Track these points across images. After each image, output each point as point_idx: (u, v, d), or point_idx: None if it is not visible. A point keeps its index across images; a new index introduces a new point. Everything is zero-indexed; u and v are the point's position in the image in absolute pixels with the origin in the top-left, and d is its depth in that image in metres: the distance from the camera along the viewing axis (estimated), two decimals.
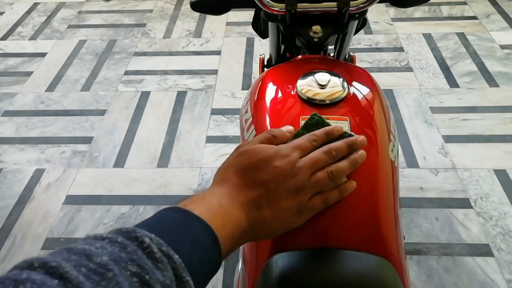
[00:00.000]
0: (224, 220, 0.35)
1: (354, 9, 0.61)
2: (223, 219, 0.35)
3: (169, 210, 0.33)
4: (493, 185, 1.26)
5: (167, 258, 0.27)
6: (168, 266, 0.26)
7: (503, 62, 1.73)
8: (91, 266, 0.23)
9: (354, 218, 0.45)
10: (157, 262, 0.26)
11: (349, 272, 0.42)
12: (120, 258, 0.24)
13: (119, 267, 0.24)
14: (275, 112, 0.54)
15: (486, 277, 1.05)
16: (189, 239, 0.30)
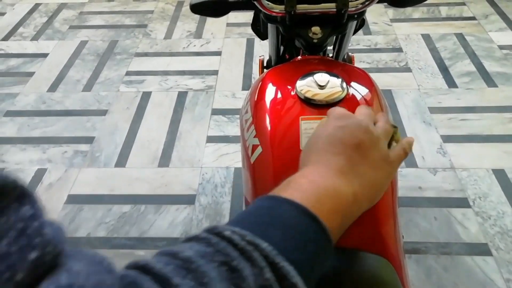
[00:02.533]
0: (319, 196, 0.32)
1: (353, 10, 0.62)
2: (317, 195, 0.32)
3: (257, 200, 0.31)
4: (491, 184, 1.27)
5: (253, 246, 0.25)
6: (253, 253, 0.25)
7: (501, 62, 1.73)
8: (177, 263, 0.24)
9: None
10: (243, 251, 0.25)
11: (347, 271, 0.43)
12: (205, 253, 0.25)
13: (205, 260, 0.24)
14: (275, 112, 0.55)
15: (484, 276, 1.06)
16: (279, 225, 0.28)
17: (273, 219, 0.29)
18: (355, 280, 0.42)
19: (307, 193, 0.31)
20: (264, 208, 0.30)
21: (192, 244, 0.26)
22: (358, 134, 0.38)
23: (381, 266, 0.44)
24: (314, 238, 0.29)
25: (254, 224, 0.28)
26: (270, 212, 0.29)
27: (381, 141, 0.40)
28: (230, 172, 1.35)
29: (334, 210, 0.32)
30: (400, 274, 0.46)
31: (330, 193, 0.32)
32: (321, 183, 0.33)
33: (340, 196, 0.33)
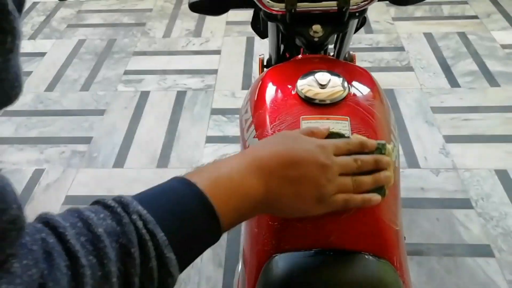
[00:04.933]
0: (230, 193, 0.35)
1: (354, 8, 0.61)
2: (230, 192, 0.35)
3: (175, 181, 0.35)
4: (494, 185, 1.26)
5: (151, 235, 0.29)
6: (148, 243, 0.29)
7: (504, 61, 1.72)
8: (89, 236, 0.28)
9: (355, 219, 0.44)
10: (141, 239, 0.29)
11: (349, 273, 0.42)
12: (113, 231, 0.29)
13: (110, 239, 0.28)
14: (275, 112, 0.54)
15: (487, 278, 1.05)
16: (181, 215, 0.32)
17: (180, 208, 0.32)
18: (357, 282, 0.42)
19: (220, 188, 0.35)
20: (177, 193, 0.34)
21: (105, 215, 0.29)
22: (306, 154, 0.39)
23: (383, 268, 0.43)
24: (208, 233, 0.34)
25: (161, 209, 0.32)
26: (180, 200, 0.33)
27: (328, 172, 0.39)
28: None
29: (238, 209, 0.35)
30: (402, 276, 0.46)
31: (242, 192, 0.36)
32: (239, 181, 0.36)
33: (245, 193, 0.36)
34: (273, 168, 0.38)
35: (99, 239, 0.27)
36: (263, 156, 0.38)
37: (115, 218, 0.29)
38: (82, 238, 0.27)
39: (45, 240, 0.26)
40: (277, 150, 0.39)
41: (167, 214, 0.32)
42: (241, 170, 0.37)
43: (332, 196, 0.40)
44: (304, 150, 0.39)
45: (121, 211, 0.30)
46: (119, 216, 0.29)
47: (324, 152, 0.40)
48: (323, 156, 0.39)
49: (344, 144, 0.42)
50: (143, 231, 0.29)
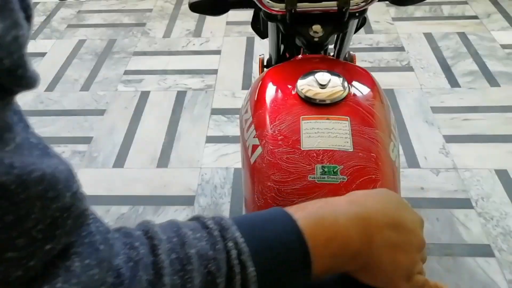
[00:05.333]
0: (331, 238, 0.32)
1: (355, 8, 0.61)
2: (332, 236, 0.32)
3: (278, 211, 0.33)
4: (494, 185, 1.26)
5: (242, 267, 0.28)
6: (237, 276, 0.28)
7: (504, 61, 1.72)
8: (180, 255, 0.27)
9: None
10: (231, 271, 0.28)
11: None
12: (205, 255, 0.28)
13: (200, 263, 0.27)
14: (275, 112, 0.54)
15: (487, 278, 1.05)
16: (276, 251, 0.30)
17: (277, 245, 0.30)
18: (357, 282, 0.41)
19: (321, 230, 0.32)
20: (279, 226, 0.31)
21: (201, 236, 0.28)
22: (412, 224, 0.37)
23: None
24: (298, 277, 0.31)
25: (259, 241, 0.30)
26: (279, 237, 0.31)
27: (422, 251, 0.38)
28: (230, 172, 1.34)
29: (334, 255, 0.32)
30: None
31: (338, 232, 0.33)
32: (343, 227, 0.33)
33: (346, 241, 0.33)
34: (380, 226, 0.34)
35: (189, 261, 0.27)
36: (373, 209, 0.35)
37: (210, 241, 0.28)
38: (173, 255, 0.27)
39: (136, 249, 0.26)
40: (387, 208, 0.36)
41: (263, 247, 0.30)
42: (349, 217, 0.34)
43: (415, 275, 0.37)
44: (411, 219, 0.37)
45: (218, 234, 0.29)
46: (215, 240, 0.28)
47: (422, 228, 0.38)
48: (421, 232, 0.37)
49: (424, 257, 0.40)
50: (235, 262, 0.28)
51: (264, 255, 0.30)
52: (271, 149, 0.50)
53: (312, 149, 0.48)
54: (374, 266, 0.34)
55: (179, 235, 0.28)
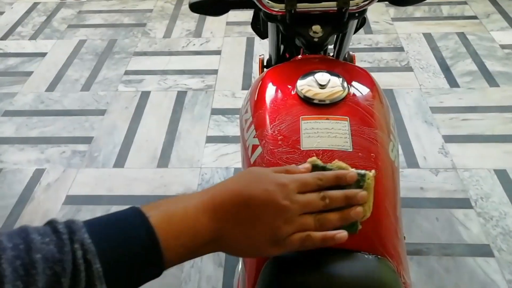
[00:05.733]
0: (182, 230, 0.36)
1: (354, 9, 0.61)
2: (182, 229, 0.36)
3: (131, 210, 0.36)
4: (493, 185, 1.26)
5: (87, 265, 0.31)
6: (81, 274, 0.31)
7: (503, 62, 1.72)
8: (25, 260, 0.29)
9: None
10: (76, 269, 0.31)
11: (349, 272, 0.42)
12: (52, 257, 0.30)
13: (45, 266, 0.29)
14: (275, 112, 0.54)
15: (486, 278, 1.05)
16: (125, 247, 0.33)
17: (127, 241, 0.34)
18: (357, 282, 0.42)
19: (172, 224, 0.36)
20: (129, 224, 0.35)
21: (50, 240, 0.31)
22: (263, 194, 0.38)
23: (383, 268, 0.43)
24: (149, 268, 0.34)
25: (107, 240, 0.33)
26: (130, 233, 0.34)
27: (286, 213, 0.38)
28: (230, 172, 1.34)
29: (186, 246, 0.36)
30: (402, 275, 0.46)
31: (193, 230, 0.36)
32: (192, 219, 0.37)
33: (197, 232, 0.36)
34: (227, 208, 0.37)
35: (34, 265, 0.29)
36: (219, 196, 0.38)
37: (58, 244, 0.31)
38: (17, 262, 0.29)
39: None
40: (234, 189, 0.38)
41: (111, 245, 0.33)
42: (197, 207, 0.37)
43: (288, 237, 0.38)
44: (262, 190, 0.38)
45: (66, 238, 0.31)
46: (62, 243, 0.31)
47: (283, 191, 0.38)
48: (281, 196, 0.38)
49: (313, 179, 0.40)
50: (80, 261, 0.31)
51: (112, 252, 0.32)
52: (271, 149, 0.51)
53: (312, 149, 0.49)
54: (231, 244, 0.38)
55: (26, 241, 0.30)
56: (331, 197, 0.40)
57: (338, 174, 0.41)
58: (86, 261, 0.31)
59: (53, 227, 0.32)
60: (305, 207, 0.39)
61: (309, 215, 0.39)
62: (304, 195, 0.39)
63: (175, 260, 0.36)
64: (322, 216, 0.39)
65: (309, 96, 0.53)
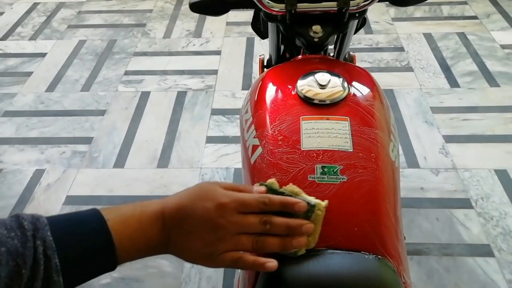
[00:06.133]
0: (133, 234, 0.40)
1: (354, 9, 0.61)
2: (136, 233, 0.40)
3: (92, 212, 0.39)
4: (493, 185, 1.26)
5: (46, 259, 0.34)
6: (40, 267, 0.34)
7: (503, 62, 1.72)
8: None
9: (355, 219, 0.44)
10: (35, 261, 0.34)
11: (349, 272, 0.42)
12: (15, 251, 0.33)
13: (8, 257, 0.33)
14: (275, 112, 0.54)
15: (486, 277, 1.05)
16: (83, 246, 0.37)
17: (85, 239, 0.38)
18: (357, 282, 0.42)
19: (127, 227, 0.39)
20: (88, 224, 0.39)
21: (15, 235, 0.34)
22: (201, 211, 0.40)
23: (383, 268, 0.43)
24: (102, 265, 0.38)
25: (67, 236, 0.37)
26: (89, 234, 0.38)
27: (220, 231, 0.40)
28: (230, 172, 1.34)
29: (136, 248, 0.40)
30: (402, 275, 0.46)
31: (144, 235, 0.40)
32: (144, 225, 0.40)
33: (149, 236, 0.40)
34: (172, 220, 0.41)
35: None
36: (169, 207, 0.42)
37: (22, 239, 0.34)
38: None
39: None
40: (181, 203, 0.42)
41: (71, 242, 0.37)
42: (150, 216, 0.41)
43: (220, 254, 0.40)
44: (201, 207, 0.40)
45: (30, 235, 0.35)
46: (26, 239, 0.34)
47: (221, 210, 0.40)
48: (217, 215, 0.40)
49: (257, 202, 0.41)
50: (40, 256, 0.34)
51: (71, 249, 0.36)
52: (271, 149, 0.51)
53: (312, 149, 0.49)
54: (176, 251, 0.42)
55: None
56: (272, 223, 0.41)
57: (284, 201, 0.41)
58: (45, 256, 0.34)
59: (19, 222, 0.35)
60: (242, 228, 0.40)
61: (248, 235, 0.41)
62: (244, 216, 0.41)
63: (127, 258, 0.40)
64: (262, 238, 0.41)
65: (309, 96, 0.53)
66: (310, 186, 0.46)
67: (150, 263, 1.12)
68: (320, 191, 0.46)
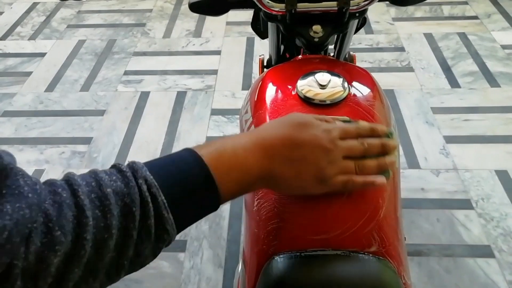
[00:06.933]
0: (233, 167, 0.39)
1: (355, 8, 0.61)
2: (233, 165, 0.39)
3: (184, 151, 0.39)
4: (494, 186, 1.26)
5: (152, 198, 0.34)
6: (148, 205, 0.33)
7: (504, 62, 1.72)
8: (98, 194, 0.32)
9: (355, 219, 0.44)
10: (143, 201, 0.34)
11: (349, 273, 0.42)
12: (121, 191, 0.33)
13: (117, 198, 0.33)
14: (275, 112, 0.54)
15: (487, 278, 1.05)
16: (184, 183, 0.37)
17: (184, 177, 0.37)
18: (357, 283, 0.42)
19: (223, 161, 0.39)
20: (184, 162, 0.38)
21: (116, 178, 0.34)
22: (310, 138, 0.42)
23: (383, 269, 0.43)
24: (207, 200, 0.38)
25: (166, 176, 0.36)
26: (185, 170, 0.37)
27: (330, 155, 0.42)
28: None
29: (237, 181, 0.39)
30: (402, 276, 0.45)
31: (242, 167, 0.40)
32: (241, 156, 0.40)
33: (247, 169, 0.40)
34: (276, 149, 0.41)
35: (107, 197, 0.32)
36: (268, 137, 0.41)
37: (124, 181, 0.34)
38: (92, 195, 0.32)
39: (59, 194, 0.31)
40: (283, 133, 0.42)
41: (171, 180, 0.36)
42: (246, 147, 0.40)
43: (332, 177, 0.42)
44: (309, 134, 0.42)
45: (131, 175, 0.35)
46: (128, 180, 0.34)
47: (328, 136, 0.42)
48: (326, 140, 0.42)
49: (353, 128, 0.44)
50: (146, 194, 0.34)
51: (173, 187, 0.36)
52: None
53: None
54: (281, 182, 0.41)
55: (96, 179, 0.34)
56: (369, 143, 0.44)
57: (372, 126, 0.46)
58: (151, 194, 0.34)
59: (117, 168, 0.35)
60: (347, 151, 0.43)
61: (351, 160, 0.43)
62: (346, 141, 0.43)
63: (228, 195, 0.39)
64: (362, 162, 0.44)
65: (309, 96, 0.52)
66: None
67: (150, 264, 1.11)
68: None
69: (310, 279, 0.41)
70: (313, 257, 0.42)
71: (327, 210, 0.43)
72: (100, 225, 0.31)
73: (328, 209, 0.43)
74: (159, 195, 0.34)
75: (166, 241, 0.35)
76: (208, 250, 1.13)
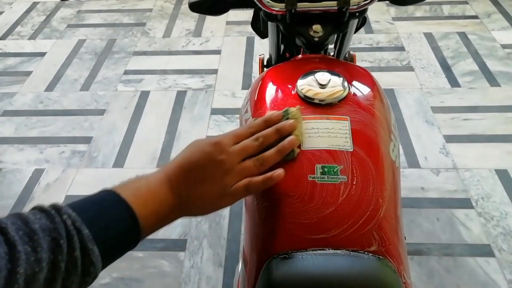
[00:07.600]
0: (148, 200, 0.41)
1: (355, 8, 0.61)
2: (147, 199, 0.41)
3: (103, 191, 0.41)
4: (494, 185, 1.26)
5: (77, 231, 0.35)
6: (74, 238, 0.35)
7: (504, 61, 1.72)
8: (26, 230, 0.33)
9: (355, 219, 0.44)
10: (69, 234, 0.35)
11: (350, 273, 0.42)
12: (47, 227, 0.34)
13: (44, 233, 0.34)
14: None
15: (487, 278, 1.05)
16: (107, 218, 0.38)
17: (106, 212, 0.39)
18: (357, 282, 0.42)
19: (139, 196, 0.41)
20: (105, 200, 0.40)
21: (41, 216, 0.35)
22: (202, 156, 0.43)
23: (383, 268, 0.43)
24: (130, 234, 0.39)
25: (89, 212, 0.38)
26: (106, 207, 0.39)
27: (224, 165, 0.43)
28: None
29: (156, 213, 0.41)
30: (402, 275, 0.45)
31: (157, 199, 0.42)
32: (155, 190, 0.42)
33: (161, 199, 0.42)
34: (179, 176, 0.43)
35: (35, 233, 0.33)
36: (172, 166, 0.44)
37: (49, 218, 0.35)
38: (20, 232, 0.33)
39: None
40: (181, 160, 0.44)
41: (93, 216, 0.38)
42: (157, 180, 0.43)
43: (233, 186, 0.43)
44: (201, 153, 0.44)
45: (55, 213, 0.36)
46: (53, 216, 0.35)
47: (218, 148, 0.44)
48: (216, 152, 0.43)
49: (244, 130, 0.46)
50: (71, 228, 0.35)
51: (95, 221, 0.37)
52: None
53: (312, 149, 0.48)
54: (191, 207, 0.43)
55: (21, 218, 0.35)
56: (263, 135, 0.45)
57: (265, 118, 0.47)
58: (76, 228, 0.36)
59: (39, 208, 0.37)
60: (242, 153, 0.44)
61: (249, 159, 0.44)
62: (239, 143, 0.45)
63: (148, 228, 0.41)
64: (260, 156, 0.44)
65: (309, 95, 0.52)
66: (310, 186, 0.46)
67: (150, 263, 1.12)
68: (320, 191, 0.45)
69: (310, 279, 0.41)
70: (313, 256, 0.42)
71: (327, 209, 0.43)
72: (31, 259, 0.32)
73: (328, 208, 0.43)
74: (83, 228, 0.36)
75: (92, 274, 0.36)
76: (208, 249, 1.14)
